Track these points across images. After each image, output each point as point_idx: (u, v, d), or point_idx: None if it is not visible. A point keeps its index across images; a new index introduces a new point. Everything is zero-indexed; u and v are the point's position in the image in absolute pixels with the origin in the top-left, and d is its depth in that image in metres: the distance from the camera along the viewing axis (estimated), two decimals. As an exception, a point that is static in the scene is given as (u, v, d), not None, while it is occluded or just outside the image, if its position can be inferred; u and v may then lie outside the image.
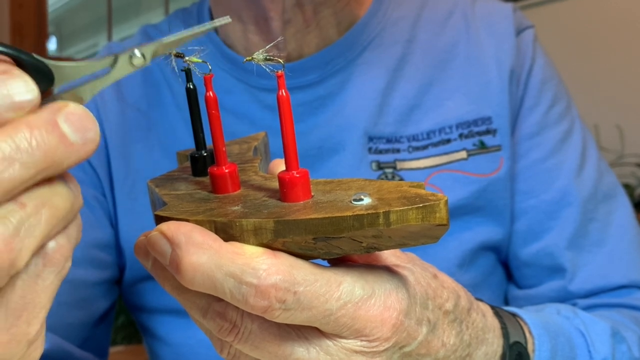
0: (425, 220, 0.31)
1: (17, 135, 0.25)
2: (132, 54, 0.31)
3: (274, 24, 0.64)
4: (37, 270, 0.28)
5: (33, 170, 0.25)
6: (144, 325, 0.70)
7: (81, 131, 0.27)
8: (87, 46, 4.55)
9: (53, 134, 0.26)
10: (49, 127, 0.26)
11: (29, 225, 0.26)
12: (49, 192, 0.27)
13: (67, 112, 0.27)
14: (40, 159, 0.25)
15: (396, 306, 0.34)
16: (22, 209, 0.26)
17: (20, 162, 0.25)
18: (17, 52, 0.27)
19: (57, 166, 0.26)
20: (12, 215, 0.25)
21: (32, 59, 0.28)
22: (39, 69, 0.28)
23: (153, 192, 0.39)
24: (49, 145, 0.26)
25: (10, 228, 0.25)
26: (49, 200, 0.27)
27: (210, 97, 0.36)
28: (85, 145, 0.27)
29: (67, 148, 0.26)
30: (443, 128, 0.65)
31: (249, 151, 0.45)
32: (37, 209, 0.26)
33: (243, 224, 0.31)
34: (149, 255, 0.35)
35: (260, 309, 0.31)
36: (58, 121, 0.26)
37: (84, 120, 0.27)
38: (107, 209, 0.68)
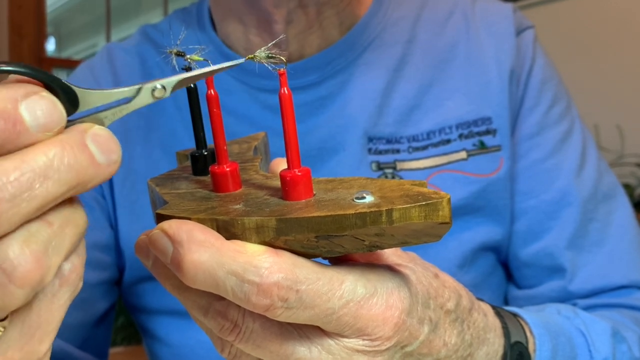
0: (428, 218, 0.31)
1: (51, 153, 0.26)
2: (155, 87, 0.32)
3: (277, 26, 0.64)
4: (53, 289, 0.28)
5: (65, 187, 0.26)
6: (143, 326, 0.70)
7: (107, 153, 0.28)
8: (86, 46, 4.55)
9: (84, 154, 0.27)
10: (81, 147, 0.27)
11: (56, 243, 0.27)
12: (72, 211, 0.28)
13: (93, 134, 0.28)
14: (72, 177, 0.26)
15: (398, 305, 0.34)
16: (50, 227, 0.26)
17: (53, 180, 0.26)
18: (46, 76, 0.28)
19: (84, 185, 0.27)
20: (41, 234, 0.26)
21: (60, 83, 0.29)
22: (66, 93, 0.29)
23: (153, 191, 0.39)
24: (80, 165, 0.27)
25: (41, 246, 0.26)
26: (72, 219, 0.28)
27: (212, 95, 0.36)
28: (109, 166, 0.28)
29: (95, 168, 0.27)
30: (443, 128, 0.65)
31: (249, 151, 0.45)
32: (62, 227, 0.27)
33: (245, 222, 0.31)
34: (149, 254, 0.35)
35: (262, 308, 0.31)
36: (87, 142, 0.27)
37: (109, 142, 0.28)
38: (107, 210, 0.68)
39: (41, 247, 0.26)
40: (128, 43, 0.74)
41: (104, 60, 0.72)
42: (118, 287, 0.70)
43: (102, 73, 0.71)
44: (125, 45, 0.74)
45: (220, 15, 0.69)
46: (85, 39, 4.53)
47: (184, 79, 0.33)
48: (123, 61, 0.72)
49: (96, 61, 0.73)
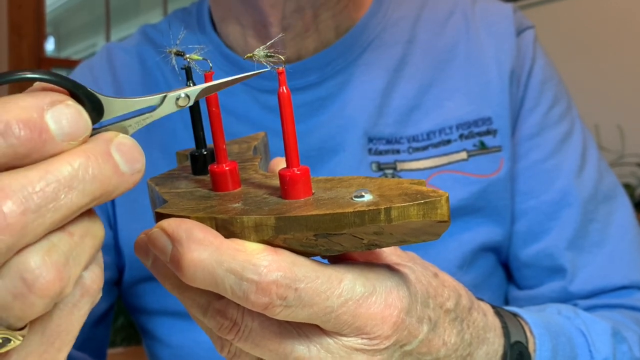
0: (427, 217, 0.31)
1: (76, 163, 0.26)
2: (179, 96, 0.32)
3: (273, 29, 0.64)
4: (74, 300, 0.28)
5: (89, 197, 0.26)
6: (143, 326, 0.70)
7: (131, 162, 0.28)
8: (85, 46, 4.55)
9: (108, 164, 0.27)
10: (105, 157, 0.27)
11: (76, 254, 0.27)
12: (90, 222, 0.28)
13: (118, 143, 0.28)
14: (97, 187, 0.26)
15: (397, 304, 0.34)
16: (71, 237, 0.27)
17: (78, 190, 0.26)
18: (72, 84, 0.28)
19: (108, 195, 0.27)
20: (63, 244, 0.26)
21: (85, 91, 0.29)
22: (91, 101, 0.29)
23: (153, 191, 0.39)
24: (104, 175, 0.27)
25: (62, 257, 0.26)
26: (91, 230, 0.28)
27: (211, 95, 0.36)
28: (134, 175, 0.28)
29: (119, 178, 0.27)
30: (443, 129, 0.65)
31: (249, 150, 0.45)
32: (82, 238, 0.27)
33: (244, 220, 0.31)
34: (149, 253, 0.35)
35: (261, 306, 0.31)
36: (111, 151, 0.27)
37: (134, 151, 0.28)
38: (106, 210, 0.68)
39: (62, 258, 0.26)
40: (128, 43, 0.74)
41: (103, 60, 0.72)
42: (117, 287, 0.70)
43: (101, 73, 0.71)
44: (124, 45, 0.74)
45: (220, 16, 0.69)
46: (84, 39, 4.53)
47: (207, 87, 0.33)
48: (122, 61, 0.72)
49: (95, 61, 0.73)
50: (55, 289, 0.25)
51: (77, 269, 0.27)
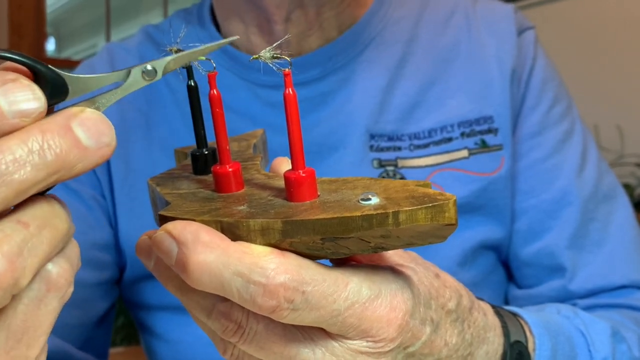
0: (435, 220, 0.30)
1: (30, 139, 0.26)
2: (144, 69, 0.32)
3: (277, 27, 0.64)
4: (40, 294, 0.28)
5: (44, 172, 0.26)
6: (142, 322, 0.70)
7: (96, 136, 0.28)
8: (86, 47, 4.55)
9: (65, 138, 0.27)
10: (62, 131, 0.27)
11: (32, 245, 0.26)
12: (50, 214, 0.28)
13: (82, 117, 0.28)
14: (52, 161, 0.26)
15: (402, 307, 0.34)
16: (26, 228, 0.26)
17: (32, 164, 0.26)
18: (34, 63, 0.28)
19: (69, 169, 0.27)
20: (16, 235, 0.26)
21: (48, 70, 0.29)
22: (55, 80, 0.29)
23: (154, 191, 0.39)
24: (61, 149, 0.27)
25: (14, 247, 0.26)
26: (49, 221, 0.27)
27: (214, 95, 0.36)
28: (100, 149, 0.28)
29: (80, 152, 0.27)
30: (445, 127, 0.65)
31: (249, 149, 0.45)
32: (39, 229, 0.27)
33: (250, 224, 0.31)
34: (151, 255, 0.35)
35: (268, 309, 0.31)
36: (72, 125, 0.27)
37: (100, 125, 0.28)
38: (106, 209, 0.68)
39: (15, 248, 0.26)
40: (129, 43, 0.74)
41: (104, 60, 0.72)
42: (118, 286, 0.70)
43: (101, 72, 0.71)
44: (126, 45, 0.74)
45: (223, 14, 0.69)
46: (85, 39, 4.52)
47: (174, 59, 0.33)
48: (123, 60, 0.72)
49: (96, 60, 0.73)
50: (8, 280, 0.25)
51: (33, 260, 0.26)
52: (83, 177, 0.67)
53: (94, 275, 0.65)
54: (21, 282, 0.26)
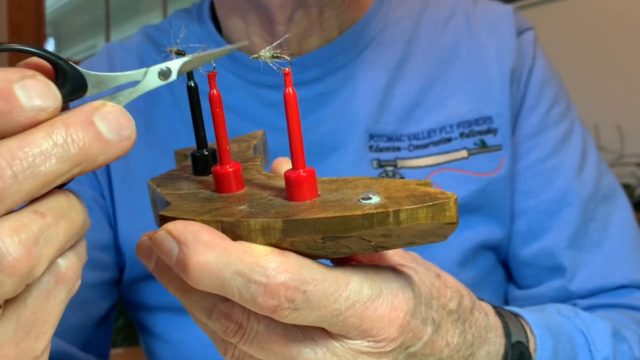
0: (435, 219, 0.30)
1: (54, 132, 0.27)
2: (161, 69, 0.33)
3: (279, 27, 0.64)
4: (49, 287, 0.29)
5: (68, 164, 0.27)
6: (141, 323, 0.70)
7: (117, 129, 0.29)
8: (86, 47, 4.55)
9: (88, 131, 0.28)
10: (85, 125, 0.28)
11: (48, 235, 0.27)
12: (67, 206, 0.28)
13: (103, 111, 0.29)
14: (75, 154, 0.27)
15: (403, 306, 0.34)
16: (43, 218, 0.27)
17: (57, 157, 0.27)
18: (56, 59, 0.29)
19: (91, 162, 0.28)
20: (33, 224, 0.26)
21: (69, 66, 0.30)
22: (75, 76, 0.30)
23: (154, 192, 0.39)
24: (84, 142, 0.27)
25: (31, 236, 0.26)
26: (66, 213, 0.28)
27: (215, 95, 0.36)
28: (121, 142, 0.29)
29: (102, 145, 0.28)
30: (444, 127, 0.66)
31: (249, 150, 0.45)
32: (56, 220, 0.28)
33: (251, 223, 0.31)
34: (151, 256, 0.35)
35: (269, 309, 0.31)
36: (94, 119, 0.28)
37: (120, 119, 0.29)
38: (106, 209, 0.68)
39: (31, 237, 0.26)
40: (128, 42, 0.75)
41: (103, 60, 0.72)
42: (118, 287, 0.70)
43: (100, 72, 0.71)
44: (125, 45, 0.74)
45: (224, 13, 0.69)
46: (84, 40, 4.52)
47: (189, 61, 0.33)
48: (122, 60, 0.72)
49: (96, 61, 0.73)
50: (23, 267, 0.26)
51: (48, 250, 0.27)
52: (82, 178, 0.67)
53: (95, 276, 0.65)
54: (36, 271, 0.26)
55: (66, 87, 0.30)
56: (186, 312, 0.35)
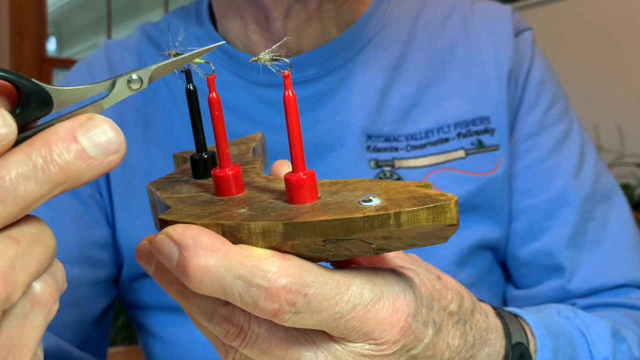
0: (436, 221, 0.30)
1: (33, 153, 0.26)
2: (130, 78, 0.32)
3: (276, 23, 0.64)
4: (25, 311, 0.28)
5: (48, 186, 0.26)
6: (139, 322, 0.70)
7: (103, 145, 0.27)
8: (87, 47, 4.54)
9: (70, 150, 0.27)
10: (67, 143, 0.27)
11: (24, 261, 0.26)
12: (39, 231, 0.28)
13: (88, 126, 0.27)
14: (56, 174, 0.26)
15: (404, 309, 0.34)
16: (17, 244, 0.26)
17: (36, 178, 0.26)
18: (17, 77, 0.28)
19: (75, 180, 0.27)
20: (9, 250, 0.26)
21: (31, 84, 0.28)
22: (39, 93, 0.29)
23: (154, 196, 0.38)
24: (65, 161, 0.26)
25: (7, 262, 0.26)
26: (39, 238, 0.28)
27: (214, 99, 0.35)
28: (109, 157, 0.28)
29: (86, 163, 0.27)
30: (441, 127, 0.66)
31: (248, 152, 0.44)
32: (30, 245, 0.27)
33: (251, 226, 0.31)
34: (151, 260, 0.35)
35: (270, 312, 0.31)
36: (77, 135, 0.27)
37: (108, 133, 0.28)
38: (104, 207, 0.68)
39: (7, 263, 0.26)
40: (127, 40, 0.75)
41: (102, 57, 0.72)
42: (116, 285, 0.70)
43: (99, 70, 0.71)
44: (124, 42, 0.74)
45: (221, 11, 0.69)
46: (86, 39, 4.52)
47: (160, 67, 0.32)
48: (121, 58, 0.72)
49: (94, 58, 0.73)
50: (1, 294, 0.25)
51: (24, 276, 0.26)
52: None
53: (92, 274, 0.65)
54: (13, 297, 0.26)
55: (29, 106, 0.28)
56: (183, 311, 0.35)
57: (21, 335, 0.28)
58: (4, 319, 0.27)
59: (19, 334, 0.28)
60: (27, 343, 0.28)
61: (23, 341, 0.28)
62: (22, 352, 0.28)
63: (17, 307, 0.28)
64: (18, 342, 0.28)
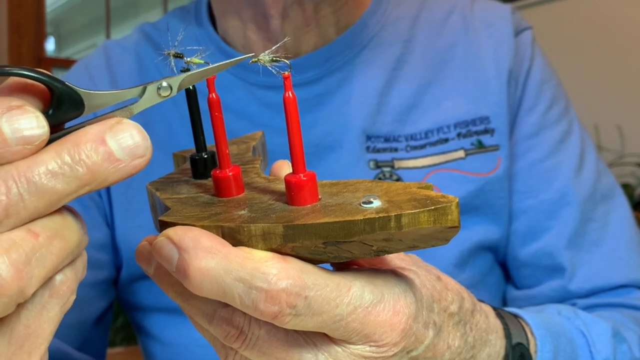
0: (437, 223, 0.30)
1: (63, 152, 0.27)
2: (160, 86, 0.32)
3: (274, 22, 0.64)
4: (42, 301, 0.28)
5: (75, 184, 0.27)
6: (138, 323, 0.70)
7: (130, 148, 0.28)
8: (86, 46, 4.54)
9: (98, 151, 0.27)
10: (95, 145, 0.27)
11: (40, 255, 0.27)
12: (61, 225, 0.28)
13: (117, 129, 0.28)
14: (83, 174, 0.27)
15: (405, 311, 0.34)
16: (35, 238, 0.27)
17: (64, 177, 0.26)
18: (50, 80, 0.29)
19: (101, 181, 0.28)
20: (25, 244, 0.26)
21: (64, 86, 0.29)
22: (71, 96, 0.30)
23: (154, 196, 0.38)
24: (93, 162, 0.27)
25: (23, 256, 0.26)
26: (60, 233, 0.28)
27: (214, 99, 0.35)
28: (135, 161, 0.28)
29: (112, 165, 0.28)
30: (441, 127, 0.66)
31: (248, 151, 0.44)
32: (49, 240, 0.27)
33: (251, 229, 0.31)
34: (151, 262, 0.35)
35: (271, 315, 0.31)
36: (106, 138, 0.28)
37: (135, 137, 0.29)
38: (103, 208, 0.68)
39: (22, 257, 0.26)
40: (126, 40, 0.74)
41: (101, 58, 0.72)
42: (115, 286, 0.70)
43: (98, 71, 0.71)
44: (123, 43, 0.74)
45: (220, 11, 0.69)
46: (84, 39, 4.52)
47: (190, 76, 0.33)
48: (120, 59, 0.72)
49: (92, 59, 0.73)
50: (13, 288, 0.25)
51: (40, 270, 0.27)
52: None
53: (92, 275, 0.65)
54: (27, 292, 0.26)
55: (61, 108, 0.29)
56: (182, 313, 0.35)
57: (37, 325, 0.28)
58: (22, 307, 0.28)
59: (36, 324, 0.28)
60: (43, 332, 0.29)
61: (39, 330, 0.28)
62: (38, 341, 0.28)
63: (35, 297, 0.28)
64: (34, 331, 0.28)
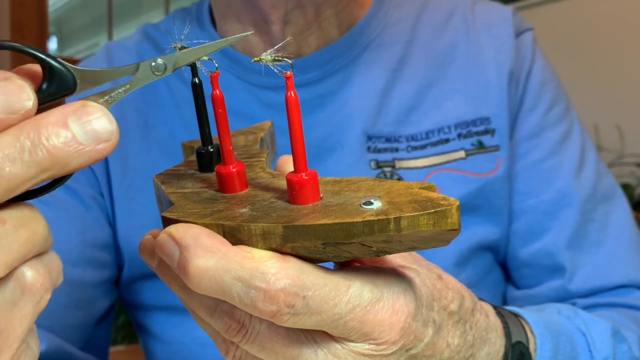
0: (437, 226, 0.30)
1: (22, 135, 0.26)
2: (155, 62, 0.32)
3: (274, 27, 0.64)
4: (14, 297, 0.28)
5: (34, 169, 0.26)
6: (139, 322, 0.70)
7: (94, 132, 0.28)
8: (88, 46, 4.55)
9: (59, 135, 0.27)
10: (56, 128, 0.27)
11: (7, 242, 0.26)
12: (29, 216, 0.28)
13: (80, 112, 0.28)
14: (43, 158, 0.26)
15: (404, 309, 0.34)
16: (2, 225, 0.26)
17: (22, 161, 0.26)
18: (44, 56, 0.29)
19: (63, 166, 0.27)
20: None
21: (58, 63, 0.29)
22: (64, 74, 0.29)
23: (159, 189, 0.39)
24: (53, 145, 0.26)
25: None
26: (27, 223, 0.27)
27: (217, 96, 0.36)
28: (99, 145, 0.28)
29: (74, 149, 0.27)
30: (442, 128, 0.66)
31: (256, 143, 0.44)
32: (16, 228, 0.27)
33: (252, 228, 0.31)
34: (154, 255, 0.35)
35: (269, 314, 0.31)
36: (68, 121, 0.27)
37: (100, 121, 0.28)
38: (105, 208, 0.68)
39: None
40: (128, 41, 0.75)
41: (102, 58, 0.73)
42: (117, 285, 0.70)
43: None
44: (125, 43, 0.74)
45: (220, 14, 0.69)
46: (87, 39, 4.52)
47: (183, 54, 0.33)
48: (121, 60, 0.72)
49: (95, 59, 0.73)
50: None
51: (6, 257, 0.26)
52: (81, 177, 0.67)
53: (94, 275, 0.65)
54: None
55: (53, 84, 0.29)
56: (183, 312, 0.35)
57: (9, 322, 0.28)
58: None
59: (7, 320, 0.28)
60: (15, 330, 0.28)
61: (10, 328, 0.28)
62: (9, 340, 0.28)
63: (6, 293, 0.28)
64: (5, 328, 0.28)
